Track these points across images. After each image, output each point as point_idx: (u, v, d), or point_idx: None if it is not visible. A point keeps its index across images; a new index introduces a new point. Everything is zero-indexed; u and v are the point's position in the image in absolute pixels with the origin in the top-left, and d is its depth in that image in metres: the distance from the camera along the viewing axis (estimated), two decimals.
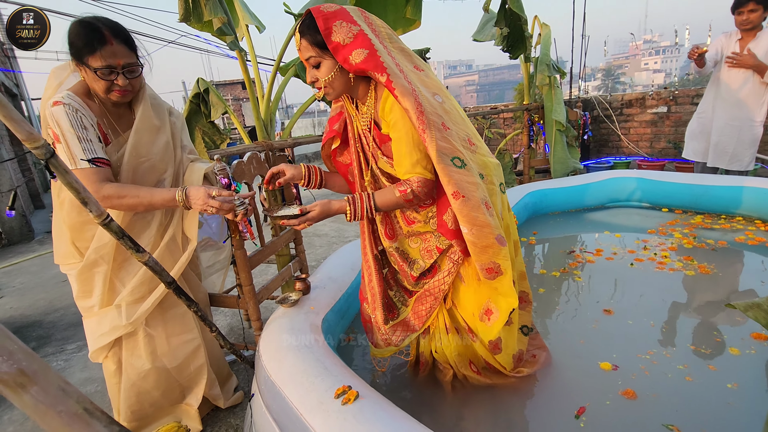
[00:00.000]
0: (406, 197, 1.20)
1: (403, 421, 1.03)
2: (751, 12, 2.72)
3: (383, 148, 1.26)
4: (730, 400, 1.30)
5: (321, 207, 1.24)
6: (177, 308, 1.52)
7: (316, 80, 1.20)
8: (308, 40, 1.14)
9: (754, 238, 2.48)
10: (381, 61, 1.11)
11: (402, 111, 1.13)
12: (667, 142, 5.46)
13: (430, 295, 1.36)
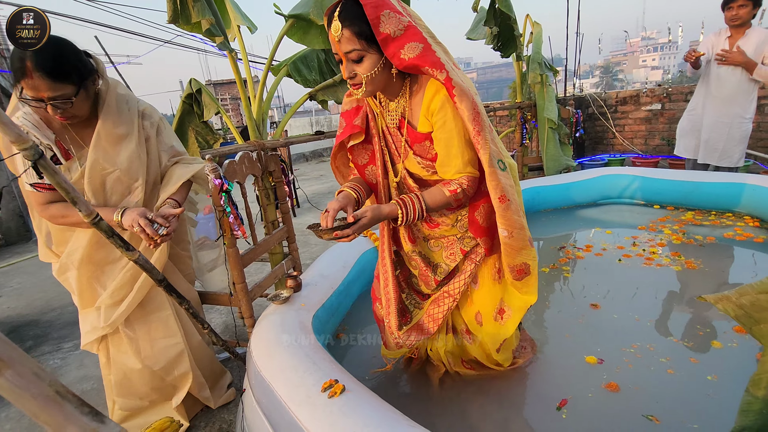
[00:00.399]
0: (456, 197, 1.15)
1: (387, 412, 1.06)
2: (740, 7, 2.74)
3: (415, 148, 1.19)
4: (709, 392, 1.34)
5: (372, 212, 1.12)
6: (160, 312, 1.54)
7: (354, 76, 1.08)
8: (352, 30, 1.01)
9: (742, 233, 2.51)
10: (437, 57, 1.04)
11: (453, 110, 1.08)
12: (661, 139, 5.49)
13: (448, 297, 1.34)
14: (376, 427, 1.00)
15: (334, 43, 1.05)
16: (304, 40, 1.94)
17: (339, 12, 1.00)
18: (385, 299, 1.38)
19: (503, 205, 1.12)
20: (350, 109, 1.29)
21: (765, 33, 2.78)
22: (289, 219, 2.19)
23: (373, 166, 1.31)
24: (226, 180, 1.67)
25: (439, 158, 1.15)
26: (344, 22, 1.00)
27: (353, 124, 1.25)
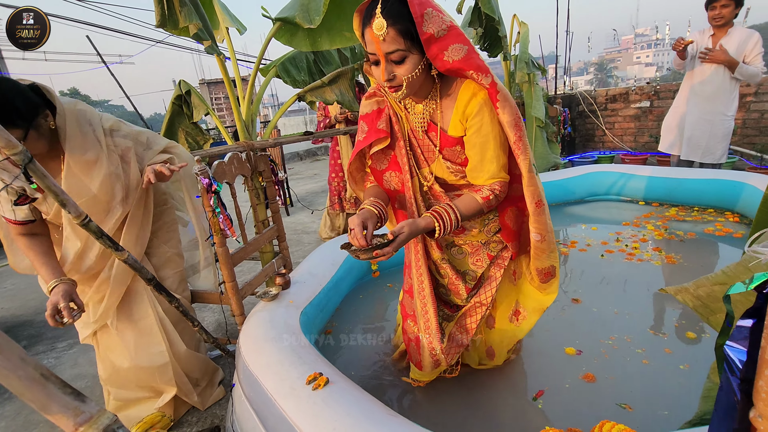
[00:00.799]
0: (489, 203, 1.13)
1: (368, 403, 1.10)
2: (723, 7, 2.80)
3: (445, 152, 1.16)
4: (681, 380, 1.39)
5: (409, 228, 1.08)
6: (145, 320, 1.57)
7: (392, 78, 1.01)
8: (398, 29, 0.95)
9: (721, 229, 2.57)
10: (481, 61, 1.00)
11: (491, 114, 1.06)
12: (650, 136, 5.56)
13: (481, 306, 1.32)
14: (357, 416, 1.05)
15: (374, 42, 0.97)
16: (291, 42, 1.98)
17: (382, 9, 0.93)
18: (422, 316, 1.31)
19: (539, 210, 1.13)
20: (371, 112, 1.22)
21: (747, 32, 2.85)
22: (279, 218, 2.22)
23: (392, 172, 1.26)
24: (215, 181, 1.71)
25: (472, 163, 1.12)
26: (389, 19, 0.93)
27: (377, 128, 1.19)
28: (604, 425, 0.95)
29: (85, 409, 0.39)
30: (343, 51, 2.73)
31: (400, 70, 1.00)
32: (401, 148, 1.20)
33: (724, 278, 0.89)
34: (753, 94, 4.80)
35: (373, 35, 0.96)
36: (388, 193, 1.30)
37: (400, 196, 1.29)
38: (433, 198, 1.27)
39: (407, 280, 1.39)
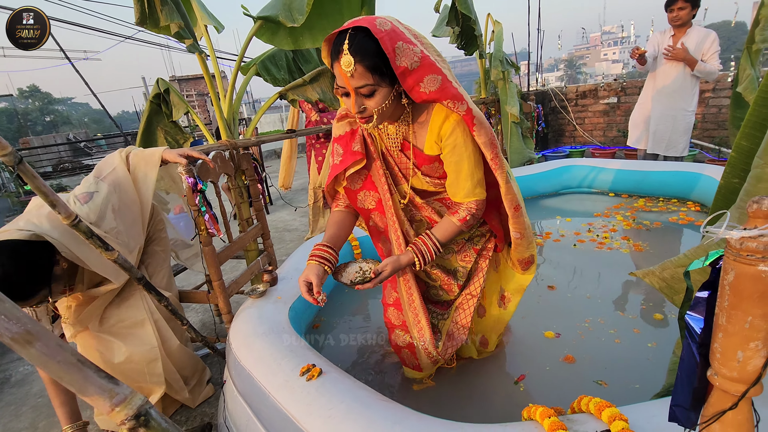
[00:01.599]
0: (467, 224, 1.19)
1: (361, 391, 1.15)
2: (680, 9, 2.97)
3: (424, 168, 1.21)
4: (649, 357, 1.51)
5: (392, 265, 1.16)
6: (136, 316, 1.57)
7: (363, 110, 1.03)
8: (366, 65, 0.95)
9: (684, 217, 2.74)
10: (455, 88, 1.03)
11: (464, 134, 1.09)
12: (618, 131, 5.80)
13: (471, 297, 1.38)
14: (351, 402, 1.09)
15: (343, 77, 0.98)
16: (272, 40, 1.99)
17: (349, 45, 0.93)
18: (415, 325, 1.35)
19: (517, 213, 1.20)
20: (344, 134, 1.24)
21: (704, 32, 3.02)
22: (263, 216, 2.23)
23: (366, 192, 1.29)
24: (200, 180, 1.71)
25: (449, 179, 1.17)
26: (356, 56, 0.94)
27: (353, 150, 1.21)
28: (582, 400, 1.02)
29: (119, 391, 0.42)
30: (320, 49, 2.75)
31: (370, 103, 1.02)
32: (378, 168, 1.24)
33: (686, 261, 0.97)
34: (711, 90, 5.07)
35: (342, 71, 0.97)
36: (362, 212, 1.34)
37: (375, 215, 1.32)
38: (416, 209, 1.32)
39: (390, 293, 1.42)
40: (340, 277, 1.23)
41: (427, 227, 1.35)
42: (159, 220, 1.82)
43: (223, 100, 2.07)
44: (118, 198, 1.40)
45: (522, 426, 0.97)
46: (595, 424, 0.93)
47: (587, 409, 1.00)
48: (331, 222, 1.34)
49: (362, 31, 0.94)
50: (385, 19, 0.97)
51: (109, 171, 1.44)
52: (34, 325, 0.38)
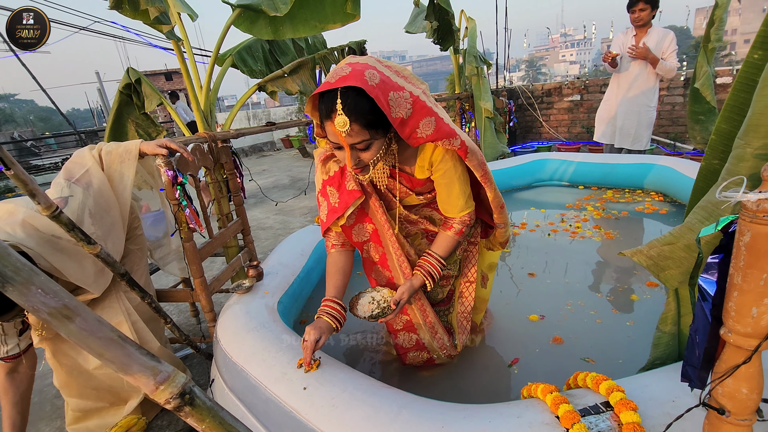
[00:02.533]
0: (463, 235, 1.26)
1: (361, 379, 1.14)
2: (641, 11, 3.14)
3: (417, 189, 1.25)
4: (629, 334, 1.60)
5: (407, 291, 1.22)
6: (113, 319, 1.48)
7: (358, 162, 1.05)
8: (362, 123, 0.96)
9: (649, 207, 2.90)
10: (447, 124, 1.06)
11: (453, 159, 1.14)
12: (582, 127, 6.05)
13: (470, 284, 1.45)
14: (353, 391, 1.08)
15: (337, 135, 0.97)
16: (251, 30, 1.93)
17: (342, 105, 0.92)
18: (433, 338, 1.40)
19: (502, 210, 1.31)
20: (334, 175, 1.23)
21: (663, 32, 3.21)
22: (243, 211, 2.18)
23: (361, 225, 1.31)
24: (180, 172, 1.65)
25: (441, 198, 1.23)
26: (351, 116, 0.93)
27: (349, 190, 1.20)
28: (578, 375, 1.06)
29: (162, 369, 0.40)
30: (298, 42, 2.70)
31: (366, 155, 1.03)
32: (374, 201, 1.26)
33: (671, 239, 1.03)
34: (666, 88, 5.38)
35: (336, 130, 0.96)
36: (357, 245, 1.34)
37: (369, 246, 1.35)
38: (411, 225, 1.36)
39: (397, 320, 1.43)
40: (357, 312, 1.25)
41: (422, 237, 1.40)
42: (135, 217, 1.73)
43: (199, 92, 2.00)
44: (94, 202, 1.31)
45: (525, 403, 1.00)
46: (593, 397, 0.97)
47: (584, 384, 1.04)
48: (332, 270, 1.32)
49: (353, 90, 0.93)
50: (371, 68, 0.96)
51: (81, 172, 1.34)
52: (72, 299, 0.36)
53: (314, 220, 2.40)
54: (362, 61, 0.99)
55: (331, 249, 1.35)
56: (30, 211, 1.16)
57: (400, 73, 1.07)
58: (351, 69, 0.95)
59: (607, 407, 0.93)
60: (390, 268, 1.35)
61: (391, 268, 1.35)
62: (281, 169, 7.91)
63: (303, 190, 5.48)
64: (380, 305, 1.23)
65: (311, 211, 4.64)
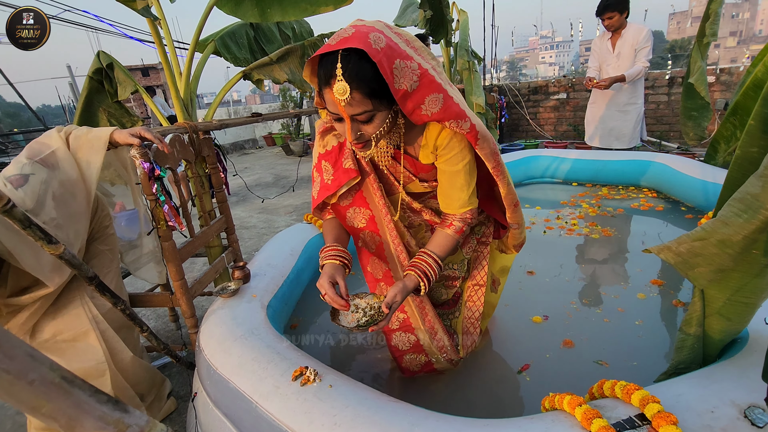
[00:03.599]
0: (463, 234, 1.13)
1: (365, 392, 1.03)
2: (609, 19, 3.16)
3: (420, 175, 1.14)
4: (639, 334, 1.53)
5: (401, 293, 1.04)
6: (77, 328, 1.34)
7: (360, 136, 0.95)
8: (363, 92, 0.86)
9: (644, 204, 2.87)
10: (456, 104, 0.95)
11: (461, 144, 1.03)
12: (568, 125, 6.06)
13: (479, 287, 1.35)
14: (357, 407, 0.97)
15: (336, 104, 0.88)
16: (236, 12, 1.79)
17: (343, 70, 0.83)
18: (432, 340, 1.28)
19: (516, 209, 1.20)
20: (332, 150, 1.13)
21: (638, 28, 3.20)
22: (226, 208, 2.03)
23: (356, 208, 1.20)
24: (158, 165, 1.50)
25: (442, 188, 1.10)
26: (352, 82, 0.84)
27: (345, 168, 1.11)
28: (604, 384, 0.97)
29: (130, 422, 0.28)
30: (284, 29, 2.56)
31: (368, 129, 0.93)
32: (372, 183, 1.15)
33: (704, 234, 0.95)
34: (650, 87, 5.43)
35: (335, 98, 0.86)
36: (350, 231, 1.24)
37: (365, 234, 1.22)
38: (414, 214, 1.24)
39: (395, 316, 1.32)
40: (340, 321, 1.08)
41: (426, 230, 1.28)
42: (105, 215, 1.57)
43: (179, 79, 1.84)
44: (59, 184, 1.16)
45: (550, 417, 0.90)
46: (624, 408, 0.88)
47: (611, 394, 0.95)
48: (327, 228, 1.22)
49: (355, 53, 0.83)
50: (377, 32, 0.86)
51: (46, 153, 1.19)
52: None
53: (303, 218, 2.26)
54: (369, 24, 0.89)
55: (326, 216, 1.25)
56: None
57: (410, 42, 0.96)
58: (354, 30, 0.84)
59: (643, 420, 0.84)
60: (387, 259, 1.22)
61: (388, 259, 1.22)
62: (264, 166, 7.71)
63: (291, 187, 5.30)
64: (367, 313, 1.07)
65: (296, 209, 4.49)
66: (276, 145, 9.99)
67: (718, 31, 2.48)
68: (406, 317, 1.29)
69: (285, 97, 9.16)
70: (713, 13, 2.47)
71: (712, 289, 1.04)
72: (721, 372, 0.98)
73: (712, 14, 2.47)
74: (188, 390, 1.79)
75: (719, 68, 4.94)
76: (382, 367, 1.50)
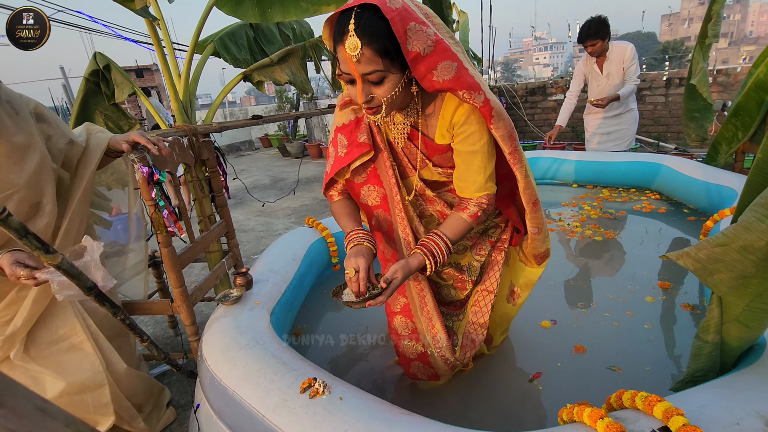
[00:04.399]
0: (478, 220, 1.09)
1: (377, 404, 1.00)
2: (592, 46, 3.14)
3: (435, 159, 1.11)
4: (649, 338, 1.51)
5: (402, 270, 1.02)
6: (72, 338, 1.29)
7: (371, 99, 0.93)
8: (374, 48, 0.84)
9: (647, 206, 2.86)
10: (471, 76, 0.92)
11: (479, 122, 0.99)
12: (566, 126, 6.06)
13: (488, 293, 1.29)
14: (370, 420, 0.93)
15: (348, 62, 0.86)
16: (236, 12, 1.75)
17: (355, 25, 0.82)
18: (428, 329, 1.24)
19: (535, 208, 1.13)
20: (348, 123, 1.11)
21: (622, 48, 3.18)
22: (227, 212, 1.99)
23: (370, 186, 1.16)
24: (156, 169, 1.45)
25: (458, 171, 1.07)
26: (364, 38, 0.82)
27: (359, 142, 1.08)
28: (623, 394, 0.94)
29: None
30: (284, 30, 2.53)
31: (379, 91, 0.91)
32: (385, 160, 1.12)
33: (725, 240, 0.92)
34: (647, 88, 5.45)
35: (347, 55, 0.85)
36: (364, 209, 1.22)
37: (379, 213, 1.19)
38: (426, 203, 1.20)
39: (395, 300, 1.28)
40: (342, 297, 1.06)
41: (438, 223, 1.23)
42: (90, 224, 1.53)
43: (177, 81, 1.80)
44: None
45: (571, 430, 0.87)
46: (647, 420, 0.85)
47: (631, 405, 0.92)
48: (339, 211, 1.19)
49: (370, 9, 0.83)
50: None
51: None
52: None
53: (300, 221, 2.23)
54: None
55: (335, 198, 1.22)
56: None
57: (429, 16, 0.94)
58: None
59: None
60: (395, 240, 1.19)
61: (395, 240, 1.19)
62: (261, 168, 7.65)
63: (291, 190, 5.24)
64: (368, 290, 1.05)
65: (294, 212, 4.45)
66: (272, 147, 9.93)
67: (719, 32, 2.47)
68: (406, 302, 1.26)
69: (281, 98, 9.11)
70: (715, 15, 2.46)
71: (731, 296, 1.02)
72: (742, 381, 0.96)
73: (714, 15, 2.46)
74: (188, 399, 1.74)
75: (716, 69, 4.96)
76: (390, 376, 1.46)
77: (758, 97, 2.30)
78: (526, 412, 1.25)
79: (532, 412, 1.25)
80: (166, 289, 2.10)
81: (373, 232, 1.24)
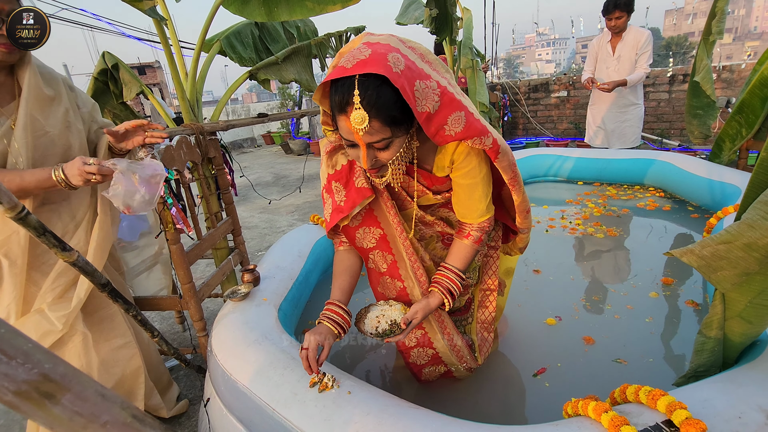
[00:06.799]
0: (482, 243, 1.13)
1: (385, 399, 1.02)
2: (617, 19, 3.12)
3: (434, 188, 1.12)
4: (651, 330, 1.54)
5: (422, 311, 1.06)
6: (105, 310, 1.36)
7: (375, 162, 0.91)
8: (383, 120, 0.81)
9: (651, 204, 2.86)
10: (477, 120, 0.92)
11: (479, 157, 1.01)
12: (569, 123, 6.06)
13: (490, 292, 1.34)
14: (379, 414, 0.95)
15: (350, 132, 0.83)
16: (242, 11, 1.76)
17: (361, 97, 0.77)
18: (452, 352, 1.26)
19: (527, 215, 1.18)
20: (341, 169, 1.08)
21: (639, 32, 3.19)
22: (233, 210, 2.01)
23: (366, 228, 1.15)
24: (165, 167, 1.47)
25: (460, 200, 1.09)
26: (371, 110, 0.79)
27: (357, 187, 1.06)
28: (627, 389, 0.96)
29: None
30: (288, 28, 2.54)
31: (385, 155, 0.89)
32: (385, 201, 1.12)
33: (729, 237, 0.94)
34: (651, 85, 5.44)
35: (348, 125, 0.82)
36: (360, 252, 1.20)
37: (375, 254, 1.18)
38: (426, 227, 1.22)
39: (410, 336, 1.29)
40: (363, 326, 1.11)
41: (437, 240, 1.25)
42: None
43: (184, 79, 1.82)
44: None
45: (575, 424, 0.89)
46: (650, 414, 0.87)
47: (635, 399, 0.94)
48: (339, 269, 1.19)
49: (373, 78, 0.78)
50: (394, 51, 0.81)
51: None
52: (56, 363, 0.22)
53: (309, 218, 2.25)
54: (383, 41, 0.83)
55: (339, 247, 1.22)
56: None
57: (424, 57, 0.93)
58: (371, 51, 0.79)
59: (670, 427, 0.83)
60: (402, 278, 1.19)
61: (404, 278, 1.19)
62: (263, 165, 7.67)
63: (297, 187, 5.25)
64: (388, 322, 1.10)
65: (298, 209, 4.47)
66: (275, 144, 9.95)
67: (724, 29, 2.47)
68: (423, 332, 1.27)
69: (284, 95, 9.11)
70: (720, 11, 2.45)
71: (734, 293, 1.03)
72: (744, 376, 0.98)
73: (719, 12, 2.46)
74: (196, 393, 1.77)
75: (721, 65, 4.94)
76: (397, 370, 1.48)
77: (762, 94, 2.30)
78: (532, 406, 1.28)
79: (537, 406, 1.27)
80: (173, 285, 2.13)
81: (370, 274, 1.25)
